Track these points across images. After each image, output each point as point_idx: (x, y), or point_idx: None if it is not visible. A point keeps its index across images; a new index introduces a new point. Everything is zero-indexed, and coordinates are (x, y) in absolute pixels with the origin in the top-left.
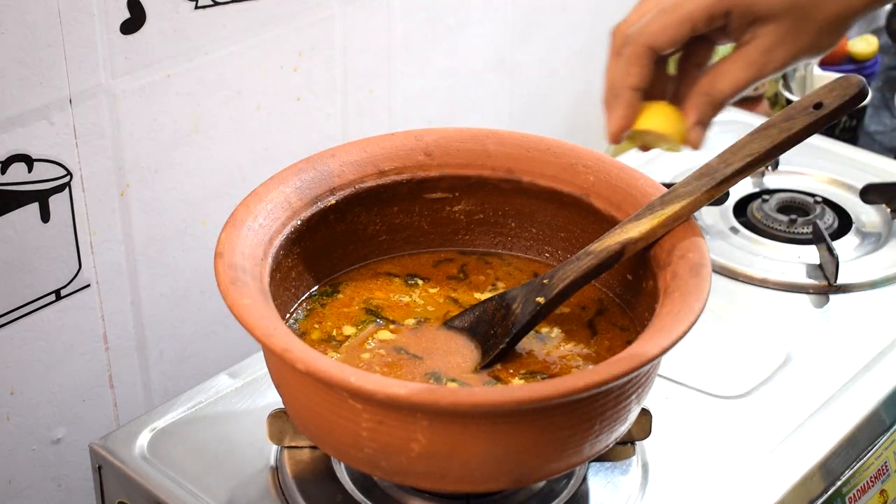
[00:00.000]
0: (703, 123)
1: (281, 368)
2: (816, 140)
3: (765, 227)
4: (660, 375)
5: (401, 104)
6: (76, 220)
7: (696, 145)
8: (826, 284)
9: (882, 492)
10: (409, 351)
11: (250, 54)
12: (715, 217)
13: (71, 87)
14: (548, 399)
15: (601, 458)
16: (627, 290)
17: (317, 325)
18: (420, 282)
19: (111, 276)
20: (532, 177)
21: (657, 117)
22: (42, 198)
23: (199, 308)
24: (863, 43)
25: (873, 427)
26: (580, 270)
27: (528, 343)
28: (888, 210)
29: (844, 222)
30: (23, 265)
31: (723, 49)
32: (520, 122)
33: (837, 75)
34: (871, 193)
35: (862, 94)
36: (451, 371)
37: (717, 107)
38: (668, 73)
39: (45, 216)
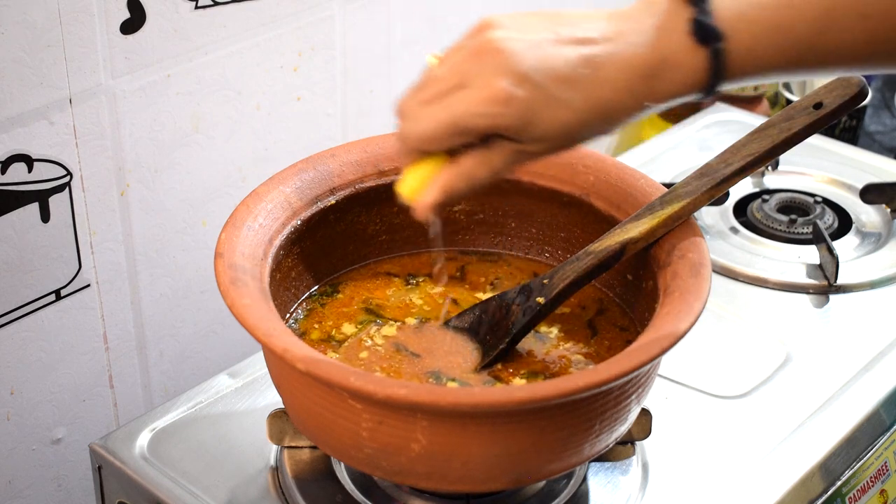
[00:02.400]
0: (438, 206)
1: (281, 368)
2: (816, 140)
3: (765, 227)
4: (660, 375)
5: None
6: (76, 220)
7: (419, 216)
8: (826, 284)
9: (882, 492)
10: (409, 350)
11: (250, 54)
12: (715, 217)
13: (71, 87)
14: (548, 399)
15: (601, 458)
16: (627, 290)
17: (316, 325)
18: (420, 282)
19: (111, 276)
20: (532, 177)
21: (407, 180)
22: (42, 198)
23: (199, 308)
24: None
25: (873, 427)
26: (580, 270)
27: (528, 343)
28: (888, 210)
29: (844, 222)
30: (23, 265)
31: None
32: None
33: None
34: (871, 193)
35: (862, 94)
36: (451, 371)
37: (452, 200)
38: None
39: (45, 216)
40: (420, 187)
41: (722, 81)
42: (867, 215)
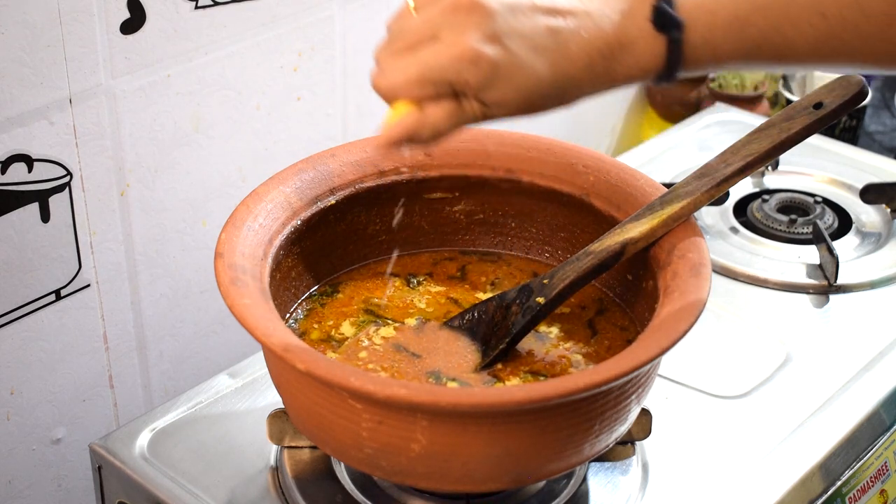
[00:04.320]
0: (396, 146)
1: (281, 368)
2: (816, 140)
3: (765, 227)
4: (660, 375)
5: None
6: (76, 220)
7: (378, 149)
8: (826, 284)
9: (882, 492)
10: (409, 350)
11: (250, 54)
12: (715, 217)
13: (71, 87)
14: (548, 399)
15: (601, 458)
16: (627, 290)
17: (316, 325)
18: (420, 282)
19: (111, 276)
20: (532, 177)
21: (386, 117)
22: (42, 198)
23: (199, 308)
24: None
25: (873, 427)
26: (580, 270)
27: (528, 343)
28: (888, 210)
29: (844, 222)
30: (23, 265)
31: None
32: (520, 122)
33: (837, 75)
34: (871, 193)
35: (862, 94)
36: (451, 371)
37: (413, 143)
38: None
39: (45, 216)
40: (390, 124)
41: (678, 69)
42: (867, 215)
